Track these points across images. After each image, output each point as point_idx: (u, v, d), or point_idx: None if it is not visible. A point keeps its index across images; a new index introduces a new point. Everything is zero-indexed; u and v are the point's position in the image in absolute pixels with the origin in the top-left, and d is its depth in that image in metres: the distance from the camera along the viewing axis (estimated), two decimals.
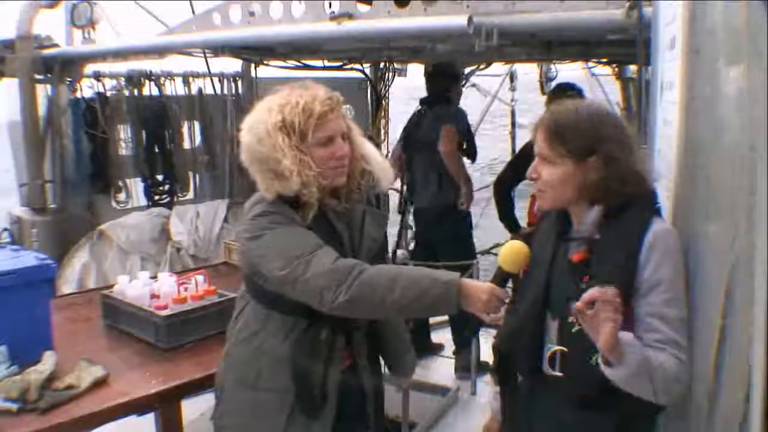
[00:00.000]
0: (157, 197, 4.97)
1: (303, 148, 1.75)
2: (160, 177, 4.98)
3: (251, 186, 1.89)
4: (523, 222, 4.21)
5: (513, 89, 6.82)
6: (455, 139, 4.13)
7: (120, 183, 4.85)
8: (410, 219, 4.65)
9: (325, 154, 1.78)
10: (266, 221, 1.79)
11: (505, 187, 4.21)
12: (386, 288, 1.65)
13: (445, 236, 4.21)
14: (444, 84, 4.31)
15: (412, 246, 4.67)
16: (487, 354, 3.30)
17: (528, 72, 6.62)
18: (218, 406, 1.97)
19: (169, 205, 4.94)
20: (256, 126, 1.79)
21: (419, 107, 4.42)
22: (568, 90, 3.89)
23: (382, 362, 2.11)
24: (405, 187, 4.51)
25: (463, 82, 4.58)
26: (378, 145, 5.53)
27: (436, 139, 4.13)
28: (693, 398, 1.51)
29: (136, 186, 4.97)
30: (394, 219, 5.69)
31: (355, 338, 1.92)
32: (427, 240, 4.37)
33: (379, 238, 1.94)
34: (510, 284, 1.72)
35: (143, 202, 4.97)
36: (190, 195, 5.18)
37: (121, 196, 4.88)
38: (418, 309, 1.73)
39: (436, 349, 4.51)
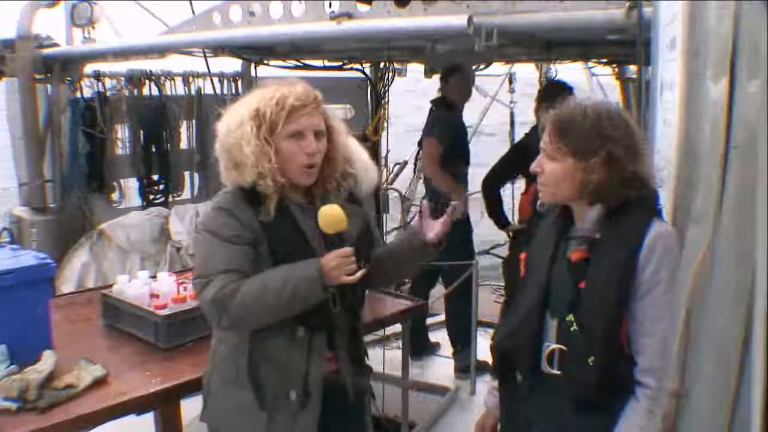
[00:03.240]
0: (151, 197, 4.98)
1: (271, 139, 1.77)
2: (155, 177, 4.98)
3: None
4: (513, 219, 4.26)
5: (512, 91, 6.82)
6: (436, 153, 4.15)
7: (114, 183, 4.85)
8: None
9: (295, 148, 1.80)
10: (208, 220, 1.85)
11: (493, 183, 4.22)
12: (259, 300, 1.73)
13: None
14: (441, 84, 4.34)
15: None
16: (485, 354, 3.31)
17: (527, 72, 6.63)
18: (205, 406, 1.98)
19: (164, 205, 4.94)
20: (231, 117, 1.83)
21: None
22: (560, 87, 3.89)
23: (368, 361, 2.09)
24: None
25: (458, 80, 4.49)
26: (375, 144, 5.53)
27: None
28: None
29: (131, 186, 4.97)
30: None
31: (336, 337, 1.92)
32: None
33: (353, 235, 1.89)
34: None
35: (137, 202, 4.97)
36: (186, 195, 5.18)
37: (115, 196, 4.88)
38: (296, 303, 1.75)
39: (433, 348, 4.51)
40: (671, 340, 1.48)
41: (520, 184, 4.58)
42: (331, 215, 1.77)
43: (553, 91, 3.65)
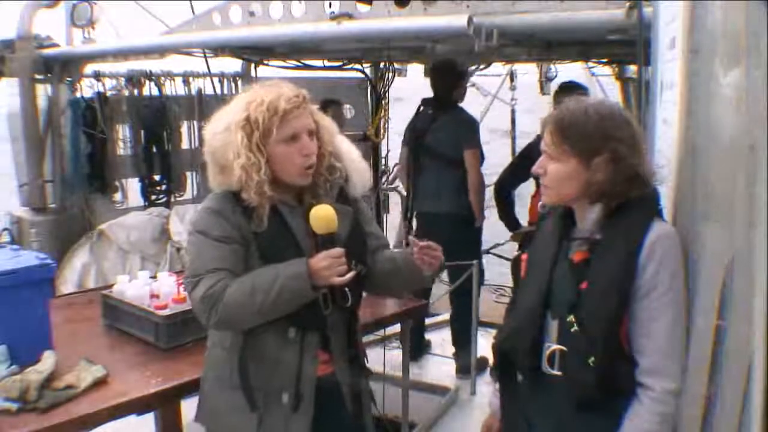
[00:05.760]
0: (153, 197, 4.98)
1: (264, 146, 1.77)
2: (157, 177, 4.98)
3: None
4: (524, 221, 4.23)
5: (513, 89, 6.82)
6: (480, 163, 4.04)
7: (116, 183, 4.86)
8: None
9: (291, 150, 1.79)
10: (198, 221, 1.86)
11: (505, 188, 4.20)
12: (248, 298, 1.73)
13: (452, 244, 4.11)
14: (449, 83, 4.15)
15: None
16: (486, 352, 3.31)
17: (527, 72, 6.62)
18: (199, 407, 1.98)
19: (166, 205, 4.95)
20: (217, 121, 1.84)
21: (422, 108, 4.27)
22: (575, 88, 3.88)
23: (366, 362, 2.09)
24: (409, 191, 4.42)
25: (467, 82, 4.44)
26: (377, 145, 5.53)
27: (451, 147, 4.04)
28: (686, 401, 1.51)
29: (133, 186, 4.97)
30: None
31: (330, 338, 1.91)
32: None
33: (343, 236, 1.87)
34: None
35: (140, 202, 4.97)
36: (188, 195, 5.18)
37: (117, 196, 4.89)
38: (285, 302, 1.75)
39: (426, 346, 4.49)
40: (672, 340, 1.47)
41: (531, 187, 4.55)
42: (322, 216, 1.77)
43: (569, 92, 3.63)
